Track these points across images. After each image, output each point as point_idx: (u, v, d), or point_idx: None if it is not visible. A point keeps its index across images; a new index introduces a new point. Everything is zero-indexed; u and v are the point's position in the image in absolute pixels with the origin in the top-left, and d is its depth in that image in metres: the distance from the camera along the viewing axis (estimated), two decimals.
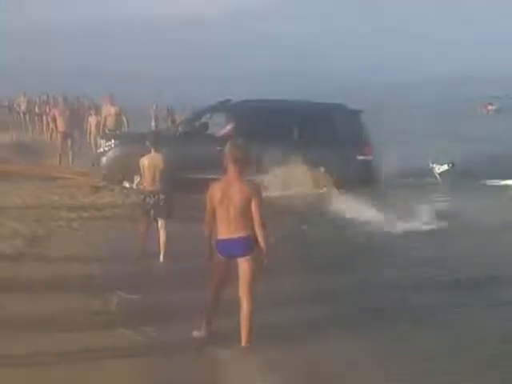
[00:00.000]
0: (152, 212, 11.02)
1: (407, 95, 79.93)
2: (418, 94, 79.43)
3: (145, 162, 11.07)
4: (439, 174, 20.55)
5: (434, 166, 20.82)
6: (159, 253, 10.82)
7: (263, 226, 7.16)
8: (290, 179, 16.89)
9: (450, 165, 20.74)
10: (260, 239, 7.16)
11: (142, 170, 11.19)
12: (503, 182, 19.23)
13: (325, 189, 17.30)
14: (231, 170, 7.28)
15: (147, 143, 11.27)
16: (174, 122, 25.98)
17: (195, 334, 7.47)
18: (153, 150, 11.12)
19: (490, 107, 59.91)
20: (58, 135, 23.57)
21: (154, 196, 11.00)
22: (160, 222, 11.01)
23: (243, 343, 7.21)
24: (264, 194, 7.37)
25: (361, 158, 18.34)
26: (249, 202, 7.14)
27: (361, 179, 17.81)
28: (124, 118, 24.00)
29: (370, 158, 18.40)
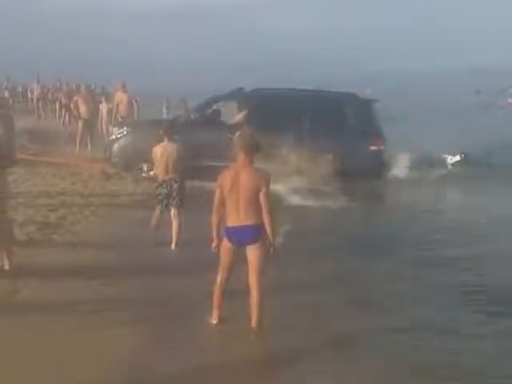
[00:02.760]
0: (165, 201, 11.05)
1: (424, 85, 79.68)
2: (436, 84, 79.11)
3: (158, 151, 11.07)
4: (451, 165, 20.49)
5: (446, 156, 20.75)
6: (171, 242, 10.86)
7: (271, 214, 7.22)
8: (300, 168, 16.85)
9: (463, 155, 20.69)
10: (267, 227, 7.22)
11: (154, 160, 11.20)
12: None
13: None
14: (240, 158, 7.35)
15: (160, 132, 11.27)
16: (186, 109, 25.90)
17: (207, 319, 7.60)
18: (166, 139, 11.13)
19: (510, 100, 59.09)
20: (80, 122, 23.62)
21: (166, 185, 11.02)
22: (173, 211, 11.04)
23: (253, 324, 7.35)
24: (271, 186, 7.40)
25: (372, 148, 18.30)
26: (258, 190, 7.21)
27: (371, 169, 17.81)
28: (135, 105, 24.03)
29: (381, 148, 18.36)
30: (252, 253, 7.30)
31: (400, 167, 18.54)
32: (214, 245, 7.50)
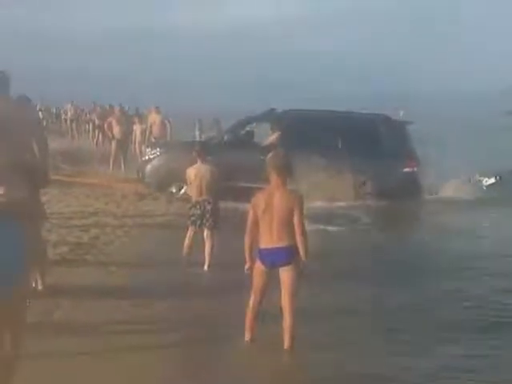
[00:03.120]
0: (198, 223, 11.02)
1: (455, 106, 79.43)
2: (465, 105, 78.83)
3: (191, 172, 11.07)
4: (486, 187, 20.30)
5: (482, 178, 20.57)
6: (204, 263, 10.82)
7: (305, 235, 7.16)
8: (333, 190, 16.79)
9: (498, 177, 20.50)
10: (301, 249, 7.15)
11: (188, 181, 11.20)
12: None
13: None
14: (273, 179, 7.32)
15: (193, 153, 11.26)
16: (219, 130, 25.98)
17: (241, 341, 7.53)
18: (199, 161, 11.12)
19: None
20: (113, 143, 23.79)
21: (200, 207, 11.00)
22: (206, 233, 11.01)
23: (286, 347, 7.25)
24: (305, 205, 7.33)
25: (406, 170, 18.21)
26: (291, 212, 7.15)
27: (406, 191, 17.71)
28: (168, 126, 24.14)
29: (415, 170, 18.27)
30: (285, 274, 7.23)
31: (435, 189, 18.44)
32: (247, 266, 7.44)
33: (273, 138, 18.25)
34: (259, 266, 7.36)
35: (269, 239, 7.24)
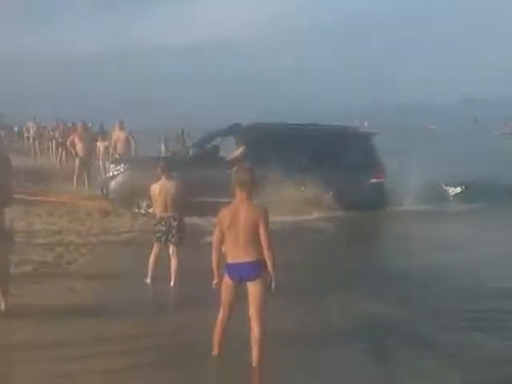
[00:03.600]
0: (164, 239, 10.90)
1: (421, 117, 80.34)
2: (432, 115, 79.74)
3: (156, 188, 10.97)
4: (453, 197, 20.43)
5: (448, 188, 20.72)
6: (170, 279, 10.69)
7: (271, 249, 7.09)
8: (299, 202, 16.76)
9: (464, 187, 20.65)
10: (268, 263, 7.09)
11: (153, 197, 11.08)
12: None
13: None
14: (239, 193, 7.26)
15: (158, 170, 11.14)
16: (184, 145, 25.90)
17: (210, 355, 7.46)
18: (163, 177, 11.00)
19: (504, 129, 59.55)
20: (77, 160, 23.58)
21: (165, 223, 10.89)
22: (171, 249, 10.90)
23: (255, 363, 7.16)
24: (271, 219, 7.25)
25: (373, 181, 18.27)
26: (257, 226, 7.09)
27: (372, 202, 17.77)
28: (133, 142, 23.93)
29: (382, 181, 18.33)
30: (253, 289, 7.16)
31: (401, 200, 18.51)
32: (215, 282, 7.37)
33: (238, 152, 18.17)
34: (227, 281, 7.29)
35: (236, 254, 7.17)
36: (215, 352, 7.45)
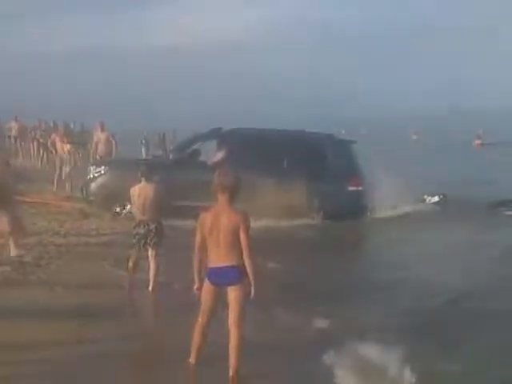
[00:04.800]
0: (142, 242, 10.89)
1: (403, 127, 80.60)
2: (416, 125, 79.96)
3: (135, 191, 10.94)
4: (430, 205, 20.61)
5: (425, 197, 20.91)
6: (149, 282, 10.72)
7: (251, 255, 7.12)
8: (278, 209, 16.78)
9: (442, 196, 20.84)
10: (248, 268, 7.12)
11: (132, 200, 11.07)
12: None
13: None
14: (220, 198, 7.28)
15: (138, 174, 11.13)
16: (165, 148, 25.88)
17: (186, 362, 7.43)
18: (143, 180, 11.01)
19: (477, 141, 59.80)
20: (57, 160, 23.43)
21: (144, 226, 10.88)
22: (150, 252, 10.88)
23: (231, 372, 7.15)
24: (252, 224, 7.30)
25: (351, 188, 18.36)
26: (237, 231, 7.12)
27: (351, 210, 17.87)
28: (114, 144, 23.86)
29: (360, 188, 18.41)
30: (232, 294, 7.19)
31: (379, 207, 18.60)
32: (195, 286, 7.36)
33: (219, 156, 18.22)
34: (208, 286, 7.30)
35: (217, 258, 7.19)
36: (192, 360, 7.42)
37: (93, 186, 18.45)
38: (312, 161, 18.33)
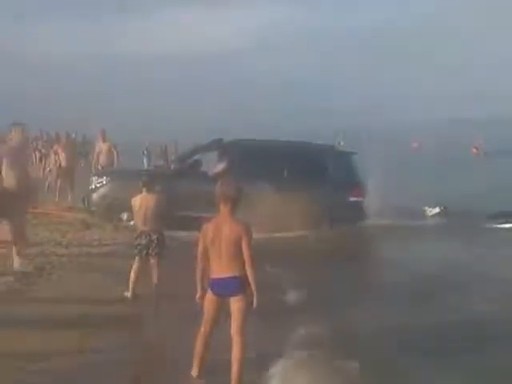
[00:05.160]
0: (144, 252, 10.93)
1: (402, 136, 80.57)
2: (414, 135, 79.91)
3: (136, 202, 11.00)
4: (431, 217, 20.61)
5: (426, 208, 20.90)
6: (150, 293, 10.73)
7: (253, 266, 7.15)
8: (280, 219, 16.78)
9: (443, 208, 20.82)
10: (250, 279, 7.15)
11: (133, 210, 11.13)
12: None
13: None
14: (222, 209, 7.31)
15: (140, 184, 11.18)
16: (167, 159, 25.95)
17: (189, 374, 7.41)
18: (145, 190, 11.07)
19: (475, 150, 59.81)
20: (60, 171, 23.44)
21: (146, 236, 10.93)
22: (152, 262, 10.94)
23: (233, 382, 7.14)
24: (254, 235, 7.33)
25: (352, 199, 18.38)
26: (239, 242, 7.14)
27: (351, 220, 17.89)
28: (115, 154, 23.87)
29: (361, 199, 18.44)
30: (235, 305, 7.21)
31: (379, 218, 18.60)
32: (198, 296, 7.39)
33: (220, 167, 18.27)
34: (210, 296, 7.32)
35: (219, 269, 7.21)
36: (195, 372, 7.39)
37: (95, 196, 18.52)
38: (313, 172, 18.36)
